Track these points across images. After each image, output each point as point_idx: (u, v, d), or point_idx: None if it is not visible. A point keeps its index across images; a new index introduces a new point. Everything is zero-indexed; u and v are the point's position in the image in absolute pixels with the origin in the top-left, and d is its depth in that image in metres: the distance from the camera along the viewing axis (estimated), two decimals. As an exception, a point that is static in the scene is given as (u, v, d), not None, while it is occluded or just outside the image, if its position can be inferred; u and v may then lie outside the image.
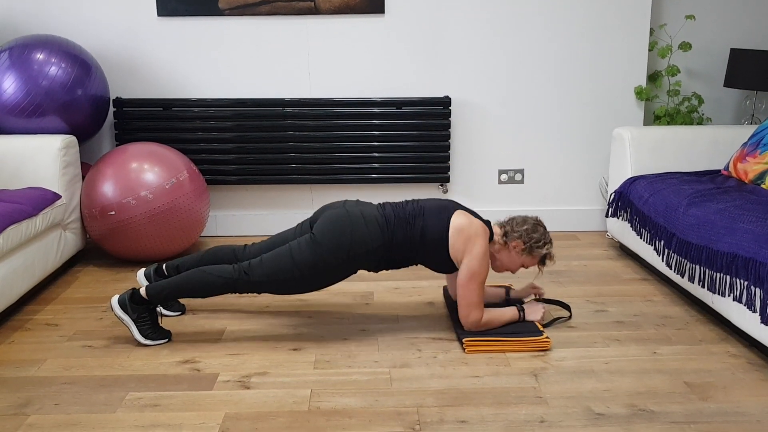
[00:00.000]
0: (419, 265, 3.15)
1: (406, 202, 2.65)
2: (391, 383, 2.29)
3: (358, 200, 2.66)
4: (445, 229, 2.54)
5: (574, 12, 3.77)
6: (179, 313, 2.84)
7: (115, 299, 2.54)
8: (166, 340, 2.60)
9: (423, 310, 2.89)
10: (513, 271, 2.70)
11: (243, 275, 2.50)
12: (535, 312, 2.66)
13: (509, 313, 2.62)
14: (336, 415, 2.10)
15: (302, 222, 2.73)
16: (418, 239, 2.54)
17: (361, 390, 2.25)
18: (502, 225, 2.66)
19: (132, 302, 2.53)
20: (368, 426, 2.04)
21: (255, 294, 3.05)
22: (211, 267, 2.55)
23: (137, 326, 2.54)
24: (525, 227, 2.61)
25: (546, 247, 2.61)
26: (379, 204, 2.64)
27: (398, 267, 2.64)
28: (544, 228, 2.64)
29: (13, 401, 2.19)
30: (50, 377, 2.34)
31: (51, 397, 2.21)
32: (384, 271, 3.34)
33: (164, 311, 2.82)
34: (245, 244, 2.79)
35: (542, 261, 2.65)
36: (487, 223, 2.64)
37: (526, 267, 2.68)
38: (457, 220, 2.55)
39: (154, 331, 2.57)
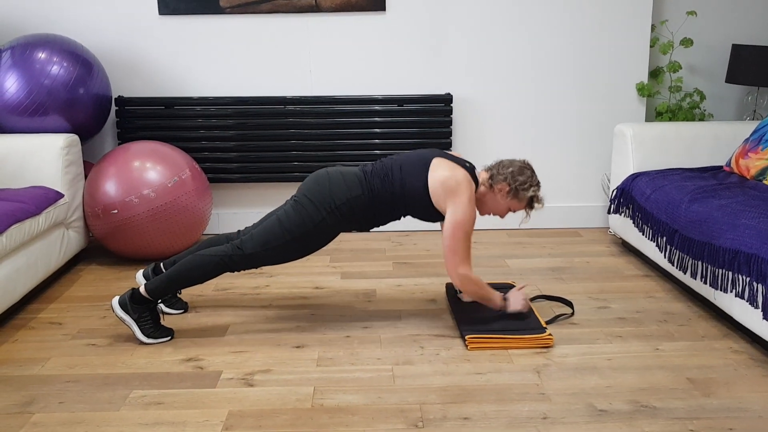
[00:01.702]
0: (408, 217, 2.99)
1: (387, 158, 2.64)
2: (394, 380, 2.29)
3: (340, 165, 2.64)
4: (424, 182, 2.50)
5: (575, 9, 3.77)
6: (182, 311, 2.85)
7: (115, 300, 2.54)
8: (169, 338, 2.60)
9: (425, 308, 2.89)
10: (501, 216, 2.65)
11: (236, 250, 2.52)
12: (516, 302, 2.62)
13: (496, 296, 2.59)
14: (339, 412, 2.10)
15: (290, 197, 2.73)
16: (399, 191, 2.52)
17: (364, 387, 2.25)
18: (488, 169, 2.61)
19: (132, 302, 2.53)
20: (371, 423, 2.05)
21: (253, 270, 3.06)
22: (205, 249, 2.58)
23: (139, 326, 2.55)
24: (511, 170, 2.55)
25: (532, 189, 2.55)
26: (361, 165, 2.65)
27: (386, 221, 2.62)
28: (532, 170, 2.58)
29: (17, 400, 2.19)
30: (54, 375, 2.35)
31: (55, 395, 2.22)
32: (374, 230, 3.18)
33: (166, 309, 2.83)
34: (238, 230, 2.80)
35: (530, 204, 2.60)
36: (472, 168, 2.59)
37: (514, 211, 2.63)
38: (438, 171, 2.50)
39: (156, 329, 2.57)
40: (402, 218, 2.64)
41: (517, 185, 2.54)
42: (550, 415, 2.08)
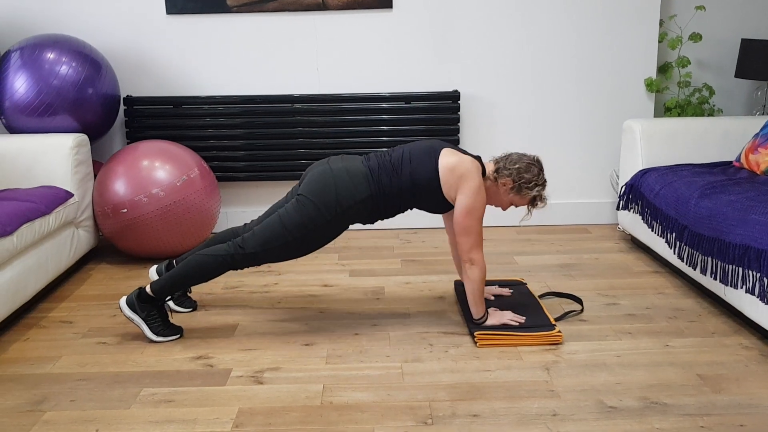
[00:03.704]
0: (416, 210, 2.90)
1: (392, 149, 2.60)
2: (403, 378, 2.30)
3: (342, 156, 2.59)
4: (434, 171, 2.48)
5: (583, 4, 3.75)
6: (191, 309, 2.86)
7: (123, 300, 2.55)
8: (178, 336, 2.61)
9: (434, 305, 2.89)
10: (503, 209, 2.64)
11: (238, 249, 2.50)
12: (495, 318, 2.59)
13: (482, 305, 2.55)
14: (348, 410, 2.11)
15: (292, 188, 2.68)
16: (408, 186, 2.49)
17: (373, 384, 2.26)
18: (496, 161, 2.57)
19: (140, 301, 2.54)
20: (380, 420, 2.05)
21: (261, 268, 3.06)
22: (207, 249, 2.56)
23: (148, 324, 2.56)
24: (517, 166, 2.51)
25: (536, 189, 2.51)
26: (365, 156, 2.59)
27: (393, 215, 2.60)
28: (540, 168, 2.53)
29: (29, 398, 2.21)
30: (65, 374, 2.36)
31: (66, 393, 2.23)
32: (380, 223, 3.11)
33: (175, 307, 2.84)
34: (245, 223, 2.78)
35: (532, 202, 2.57)
36: (478, 158, 2.56)
37: (516, 206, 2.61)
38: (446, 159, 2.49)
39: (165, 327, 2.58)
40: (409, 211, 2.62)
41: (521, 183, 2.50)
42: (560, 412, 2.08)
